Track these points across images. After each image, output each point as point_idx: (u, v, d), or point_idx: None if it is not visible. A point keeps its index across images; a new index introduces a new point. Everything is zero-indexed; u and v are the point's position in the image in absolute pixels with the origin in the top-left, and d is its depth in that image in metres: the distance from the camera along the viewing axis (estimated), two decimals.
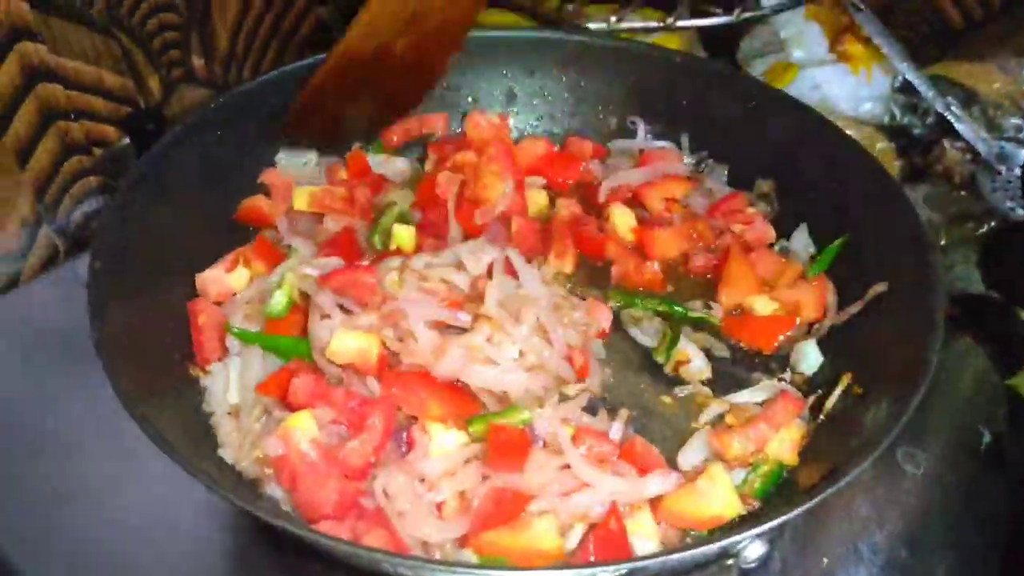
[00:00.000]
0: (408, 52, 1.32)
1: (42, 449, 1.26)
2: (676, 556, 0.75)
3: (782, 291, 1.22)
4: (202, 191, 1.29)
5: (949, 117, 1.91)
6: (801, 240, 1.31)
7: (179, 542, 1.13)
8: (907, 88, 2.01)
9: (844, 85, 2.08)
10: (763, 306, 1.21)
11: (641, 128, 1.50)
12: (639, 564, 0.74)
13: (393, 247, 1.31)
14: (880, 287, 1.17)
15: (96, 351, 0.96)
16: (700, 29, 1.79)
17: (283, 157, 1.43)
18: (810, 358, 1.20)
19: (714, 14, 1.64)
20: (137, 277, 1.12)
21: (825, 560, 1.11)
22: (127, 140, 1.68)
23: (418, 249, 1.29)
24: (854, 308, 1.18)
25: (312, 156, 1.45)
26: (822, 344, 1.22)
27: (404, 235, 1.30)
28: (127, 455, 1.22)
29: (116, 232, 1.11)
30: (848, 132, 1.36)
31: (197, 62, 1.83)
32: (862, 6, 2.14)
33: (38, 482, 1.22)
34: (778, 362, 1.24)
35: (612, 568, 0.74)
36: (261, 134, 1.38)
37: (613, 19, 1.56)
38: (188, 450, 0.94)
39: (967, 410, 1.35)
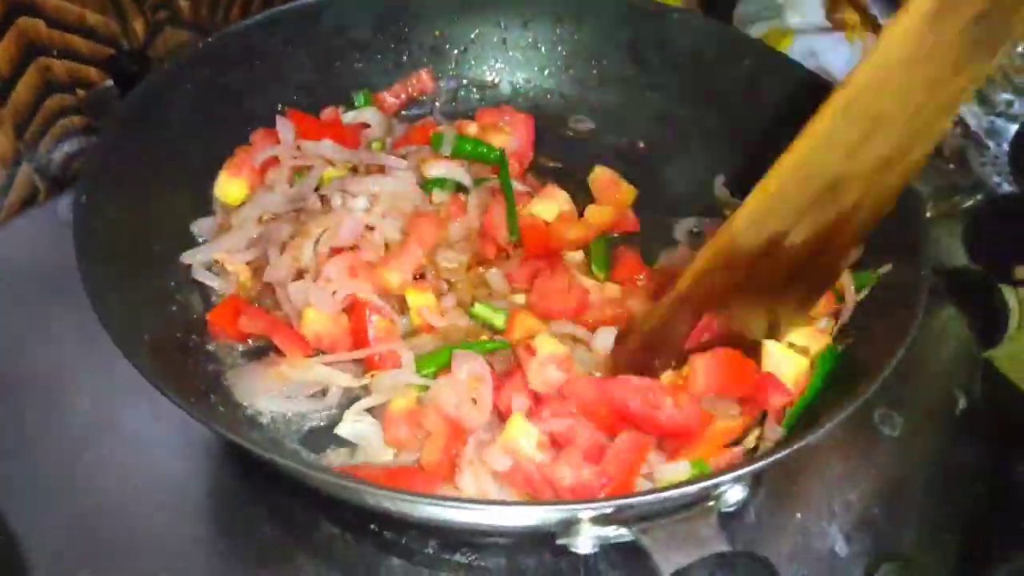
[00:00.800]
0: (808, 243, 0.95)
1: (20, 388, 1.25)
2: (661, 495, 0.76)
3: None
4: (190, 129, 1.27)
5: None
6: None
7: (162, 479, 1.13)
8: None
9: (839, 54, 2.06)
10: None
11: None
12: (624, 502, 0.75)
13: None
14: (886, 267, 1.15)
15: (84, 284, 0.94)
16: None
17: None
18: None
19: None
20: (123, 211, 1.10)
21: (799, 515, 1.13)
22: (110, 82, 1.65)
23: None
24: (860, 295, 1.16)
25: None
26: None
27: None
28: (109, 394, 1.22)
29: (103, 166, 1.10)
30: None
31: (183, 4, 1.79)
32: None
33: (17, 421, 1.20)
34: None
35: (596, 505, 0.75)
36: (249, 76, 1.36)
37: None
38: (177, 384, 0.93)
39: (945, 377, 1.37)
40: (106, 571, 1.05)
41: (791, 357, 1.09)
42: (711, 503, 0.78)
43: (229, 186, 1.29)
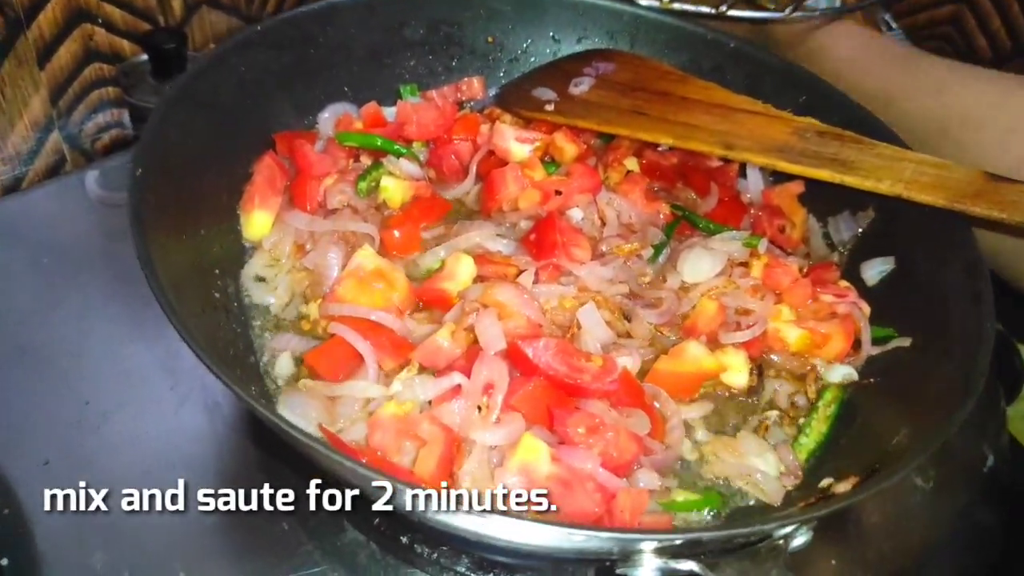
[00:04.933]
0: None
1: (34, 358, 1.20)
2: (731, 532, 0.74)
3: (812, 322, 1.16)
4: (238, 112, 1.23)
5: None
6: (876, 269, 1.24)
7: (179, 466, 1.09)
8: None
9: None
10: (791, 333, 1.15)
11: None
12: (692, 536, 0.72)
13: (380, 199, 1.27)
14: (904, 341, 1.15)
15: (139, 261, 0.90)
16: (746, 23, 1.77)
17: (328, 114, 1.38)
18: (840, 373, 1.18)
19: (766, 8, 1.62)
20: (176, 187, 1.07)
21: (833, 562, 1.11)
22: (143, 56, 1.61)
23: (416, 199, 1.28)
24: (875, 350, 1.16)
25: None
26: None
27: (390, 188, 1.27)
28: (127, 371, 1.19)
29: (156, 142, 1.05)
30: None
31: None
32: (895, 26, 2.14)
33: (30, 392, 1.16)
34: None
35: (663, 537, 0.72)
36: (301, 63, 1.33)
37: None
38: (218, 360, 0.88)
39: (976, 431, 1.35)
40: (119, 557, 1.01)
41: (797, 331, 1.16)
42: (780, 542, 0.76)
43: (252, 223, 1.20)
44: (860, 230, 1.30)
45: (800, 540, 0.78)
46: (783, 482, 1.02)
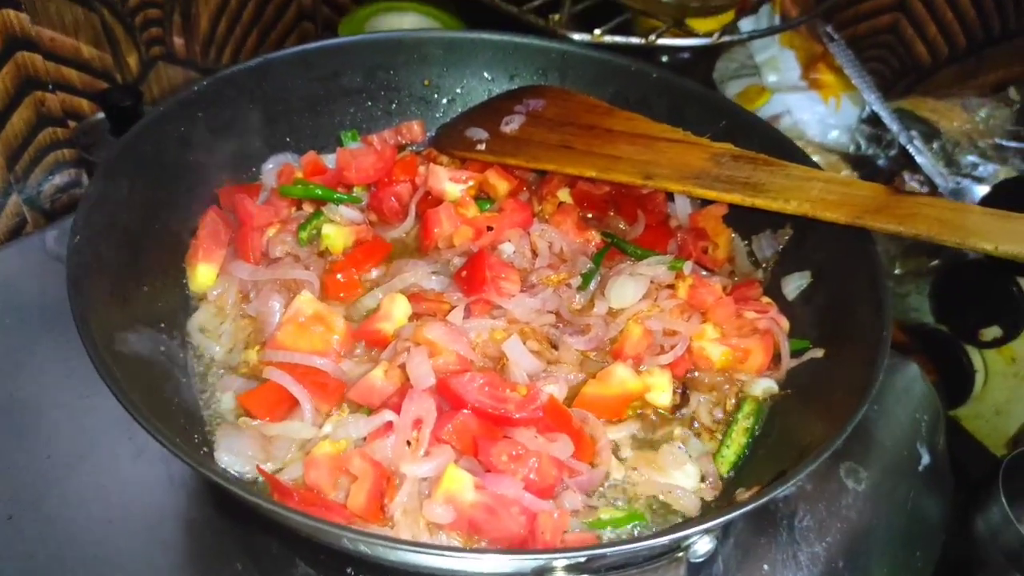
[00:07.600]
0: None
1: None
2: (628, 547, 0.79)
3: (735, 339, 1.22)
4: (182, 169, 1.29)
5: (911, 150, 1.98)
6: (794, 283, 1.30)
7: (138, 515, 1.14)
8: (873, 120, 2.08)
9: (814, 112, 2.15)
10: (715, 351, 1.21)
11: None
12: (596, 552, 0.77)
13: (323, 246, 1.33)
14: (817, 352, 1.20)
15: (74, 317, 0.96)
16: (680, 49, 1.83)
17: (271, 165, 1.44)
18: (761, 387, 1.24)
19: (694, 35, 1.68)
20: (117, 253, 1.12)
21: (765, 567, 1.16)
22: (101, 115, 1.67)
23: (358, 243, 1.34)
24: (793, 362, 1.21)
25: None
26: None
27: (332, 235, 1.32)
28: (88, 427, 1.23)
29: (96, 207, 1.11)
30: (814, 158, 1.40)
31: (177, 41, 1.83)
32: (836, 36, 2.21)
33: None
34: None
35: (569, 555, 0.77)
36: (242, 119, 1.39)
37: (597, 31, 1.59)
38: (159, 418, 0.94)
39: (909, 432, 1.40)
40: None
41: (721, 348, 1.22)
42: (680, 554, 0.81)
43: (197, 276, 1.25)
44: (780, 247, 1.36)
45: (703, 550, 0.83)
46: (703, 494, 1.08)
